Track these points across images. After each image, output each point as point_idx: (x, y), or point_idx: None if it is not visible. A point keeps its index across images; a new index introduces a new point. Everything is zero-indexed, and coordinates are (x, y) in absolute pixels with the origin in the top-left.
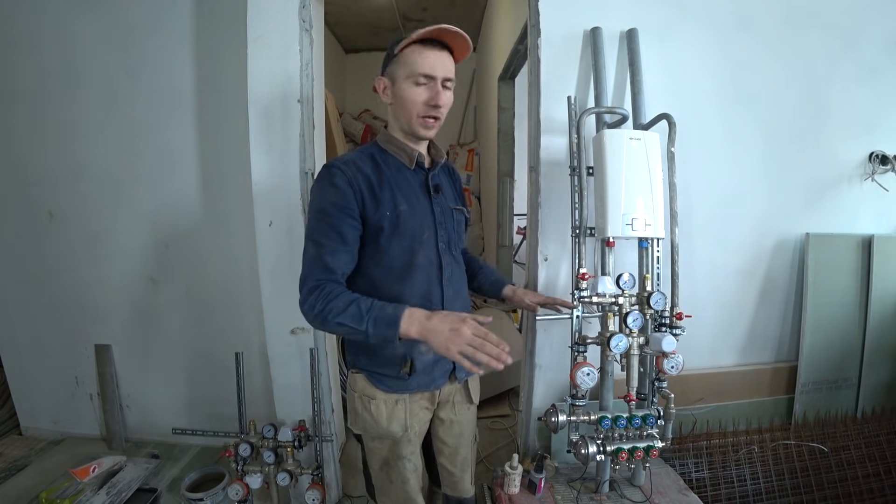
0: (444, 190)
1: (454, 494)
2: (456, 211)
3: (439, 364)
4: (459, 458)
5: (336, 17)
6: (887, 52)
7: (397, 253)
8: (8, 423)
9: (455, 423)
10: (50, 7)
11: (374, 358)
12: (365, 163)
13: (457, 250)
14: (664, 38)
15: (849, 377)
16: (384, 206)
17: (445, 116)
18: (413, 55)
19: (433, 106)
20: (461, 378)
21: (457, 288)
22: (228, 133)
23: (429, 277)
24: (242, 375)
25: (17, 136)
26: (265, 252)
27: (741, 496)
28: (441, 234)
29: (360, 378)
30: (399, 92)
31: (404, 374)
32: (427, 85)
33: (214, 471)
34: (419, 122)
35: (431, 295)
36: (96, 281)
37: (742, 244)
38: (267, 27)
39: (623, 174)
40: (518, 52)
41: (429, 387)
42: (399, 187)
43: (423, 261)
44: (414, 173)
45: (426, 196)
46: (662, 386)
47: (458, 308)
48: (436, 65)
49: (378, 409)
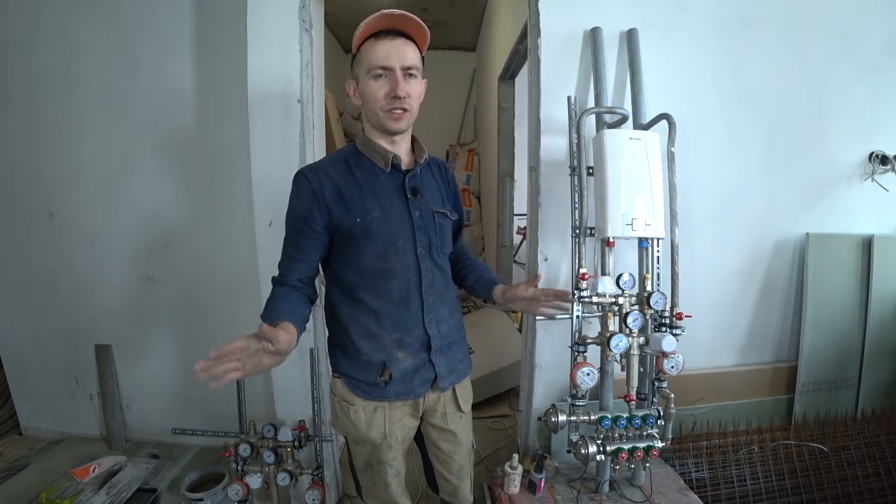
0: (424, 192)
1: (452, 501)
2: (439, 214)
3: (419, 373)
4: (455, 466)
5: (336, 17)
6: (887, 52)
7: (370, 259)
8: (8, 423)
9: (448, 432)
10: (49, 7)
11: (352, 363)
12: (337, 168)
13: (439, 255)
14: (664, 37)
15: (849, 377)
16: (353, 213)
17: (417, 107)
18: (367, 50)
19: (394, 97)
20: (444, 388)
21: (439, 294)
22: (228, 133)
23: (406, 284)
24: None
25: (17, 136)
26: (265, 252)
27: (741, 496)
28: (420, 238)
29: (339, 383)
30: (362, 90)
31: (381, 382)
32: (385, 77)
33: (214, 471)
34: (385, 116)
35: (410, 302)
36: (96, 281)
37: (742, 244)
38: (267, 27)
39: (623, 174)
40: (518, 52)
41: (408, 396)
42: (372, 192)
43: (399, 267)
44: (389, 176)
45: (402, 199)
46: (662, 386)
47: (443, 315)
48: (390, 54)
49: (357, 416)
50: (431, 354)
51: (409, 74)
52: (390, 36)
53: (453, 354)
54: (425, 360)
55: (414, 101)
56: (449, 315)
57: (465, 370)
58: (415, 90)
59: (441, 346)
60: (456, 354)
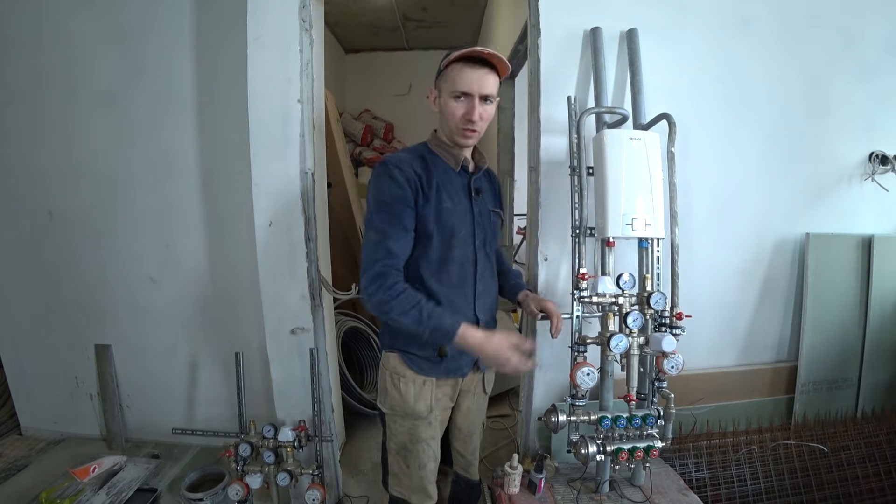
0: (484, 193)
1: (465, 475)
2: (493, 213)
3: (465, 354)
4: (472, 444)
5: (336, 17)
6: (887, 52)
7: (437, 245)
8: (8, 423)
9: (471, 410)
10: (50, 7)
11: (412, 340)
12: (416, 162)
13: (491, 249)
14: (664, 37)
15: (849, 377)
16: (431, 202)
17: (485, 127)
18: (453, 72)
19: (468, 120)
20: (483, 368)
21: (487, 283)
22: (228, 133)
23: (463, 271)
24: (242, 375)
25: (17, 136)
26: (265, 252)
27: (741, 496)
28: (478, 232)
29: (394, 357)
30: (442, 104)
31: (437, 357)
32: (464, 100)
33: (214, 471)
34: (458, 132)
35: (465, 287)
36: (96, 281)
37: (742, 244)
38: (267, 27)
39: (623, 174)
40: (518, 52)
41: (456, 373)
42: (444, 186)
43: (459, 255)
44: (458, 175)
45: (468, 197)
46: (662, 386)
47: (488, 303)
48: (472, 82)
49: (406, 388)
50: None
51: (487, 101)
52: (477, 65)
53: None
54: None
55: (484, 123)
56: (492, 304)
57: None
58: (487, 114)
59: (485, 329)
60: None
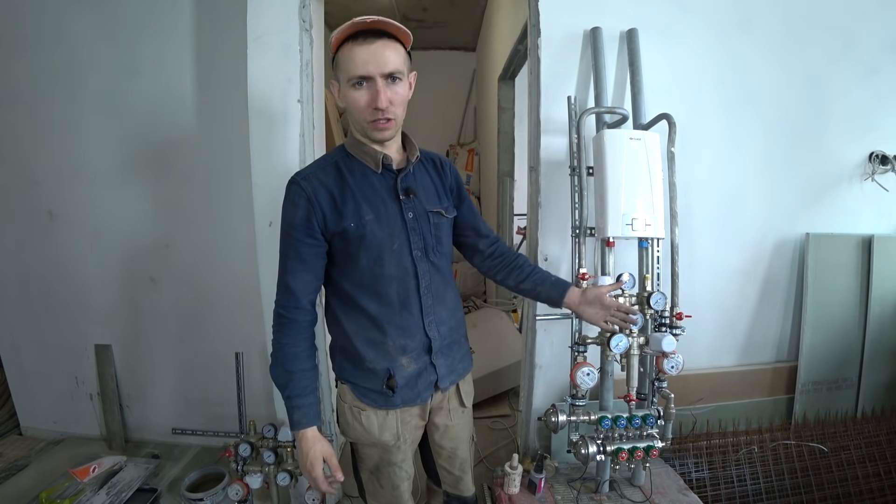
0: (418, 192)
1: (455, 493)
2: (433, 214)
3: (422, 377)
4: (458, 460)
5: (336, 17)
6: (887, 52)
7: (366, 265)
8: (8, 423)
9: (450, 427)
10: (49, 7)
11: (357, 370)
12: (328, 174)
13: (436, 255)
14: (664, 37)
15: (849, 377)
16: (347, 219)
17: (403, 112)
18: (344, 56)
19: (375, 109)
20: (445, 388)
21: (438, 295)
22: (228, 133)
23: (405, 287)
24: (242, 375)
25: (17, 136)
26: (265, 252)
27: (741, 496)
28: (415, 240)
29: (347, 390)
30: (344, 97)
31: (388, 390)
32: (365, 86)
33: (214, 471)
34: (369, 126)
35: (409, 306)
36: (96, 281)
37: (742, 244)
38: (267, 27)
39: (623, 174)
40: (518, 52)
41: (415, 401)
42: (364, 196)
43: (396, 271)
44: (381, 177)
45: (395, 201)
46: (662, 386)
47: (443, 316)
48: (368, 62)
49: (369, 420)
50: (433, 357)
51: (395, 78)
52: (369, 39)
53: (454, 355)
54: (427, 363)
55: (398, 107)
56: (448, 315)
57: (466, 368)
58: (399, 95)
59: (441, 347)
60: (456, 354)
